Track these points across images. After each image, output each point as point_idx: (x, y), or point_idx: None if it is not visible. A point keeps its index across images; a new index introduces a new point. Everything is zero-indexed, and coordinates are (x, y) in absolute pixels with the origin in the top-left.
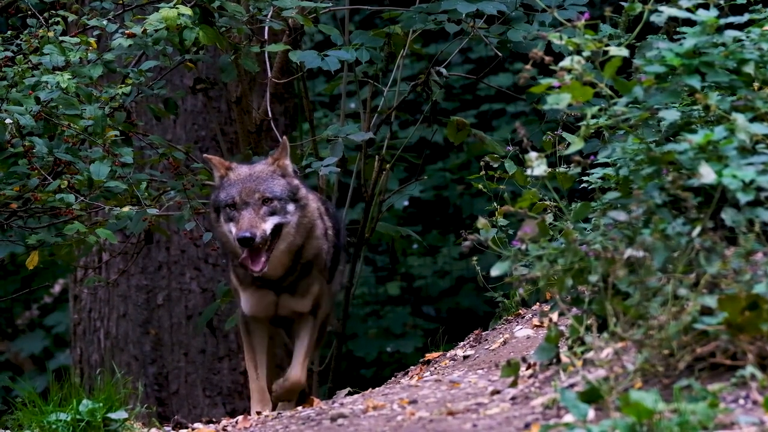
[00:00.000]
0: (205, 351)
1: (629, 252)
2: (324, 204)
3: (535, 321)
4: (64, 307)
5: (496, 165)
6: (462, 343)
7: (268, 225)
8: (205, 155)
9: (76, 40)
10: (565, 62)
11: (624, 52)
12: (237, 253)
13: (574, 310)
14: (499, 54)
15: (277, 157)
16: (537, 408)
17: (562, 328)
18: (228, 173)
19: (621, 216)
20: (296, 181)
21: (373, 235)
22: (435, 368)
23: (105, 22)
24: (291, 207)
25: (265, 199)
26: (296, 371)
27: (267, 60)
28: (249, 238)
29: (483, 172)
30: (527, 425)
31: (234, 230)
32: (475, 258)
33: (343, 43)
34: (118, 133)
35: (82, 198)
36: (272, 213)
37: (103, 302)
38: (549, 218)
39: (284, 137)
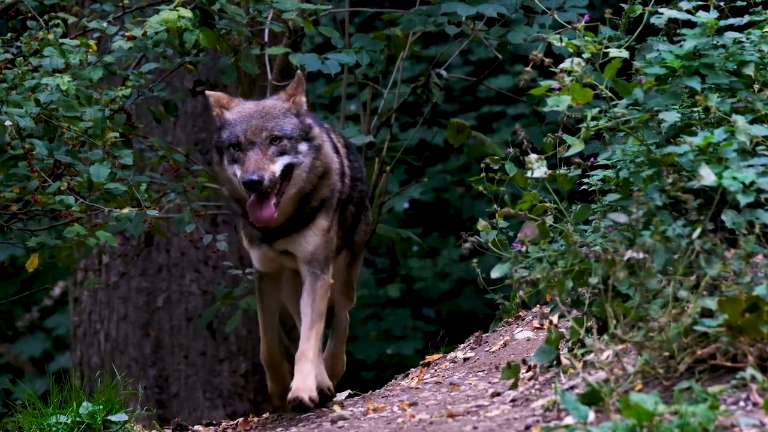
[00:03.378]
0: (205, 353)
1: (629, 254)
2: (344, 140)
3: (536, 323)
4: (64, 310)
5: (496, 167)
6: (462, 346)
7: (277, 166)
8: (206, 92)
9: (76, 42)
10: (565, 64)
11: (624, 54)
12: (244, 198)
13: (575, 312)
14: (499, 56)
15: (291, 92)
16: (537, 410)
17: (563, 330)
18: (223, 112)
19: (621, 218)
20: (310, 120)
21: (374, 237)
22: (435, 370)
23: (105, 25)
24: (303, 147)
25: (273, 137)
26: (302, 346)
27: (267, 62)
28: (256, 181)
29: (483, 174)
30: (527, 427)
31: (239, 173)
32: (475, 260)
33: (343, 45)
34: (118, 135)
35: (82, 200)
36: (282, 153)
37: (103, 304)
38: (549, 220)
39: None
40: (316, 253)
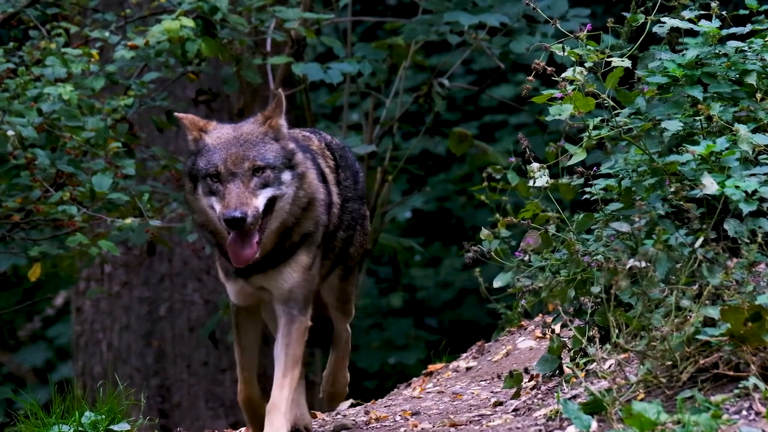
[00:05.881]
0: (207, 363)
1: (632, 263)
2: (335, 152)
3: (538, 332)
4: (66, 319)
5: (498, 176)
6: (465, 355)
7: (260, 200)
8: (176, 114)
9: (78, 51)
10: (568, 73)
11: (626, 62)
12: (220, 233)
13: (577, 321)
14: (502, 65)
15: (269, 114)
16: (540, 419)
17: (565, 339)
18: (203, 136)
19: (623, 227)
20: (292, 145)
21: (376, 246)
22: (438, 380)
23: (107, 34)
24: (287, 176)
25: (256, 168)
26: (274, 396)
27: (269, 71)
28: (239, 219)
29: (485, 184)
30: None
31: (218, 207)
32: (477, 269)
33: (345, 54)
34: (120, 144)
35: (84, 210)
36: (264, 185)
37: (105, 314)
38: (551, 229)
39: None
40: (293, 292)
